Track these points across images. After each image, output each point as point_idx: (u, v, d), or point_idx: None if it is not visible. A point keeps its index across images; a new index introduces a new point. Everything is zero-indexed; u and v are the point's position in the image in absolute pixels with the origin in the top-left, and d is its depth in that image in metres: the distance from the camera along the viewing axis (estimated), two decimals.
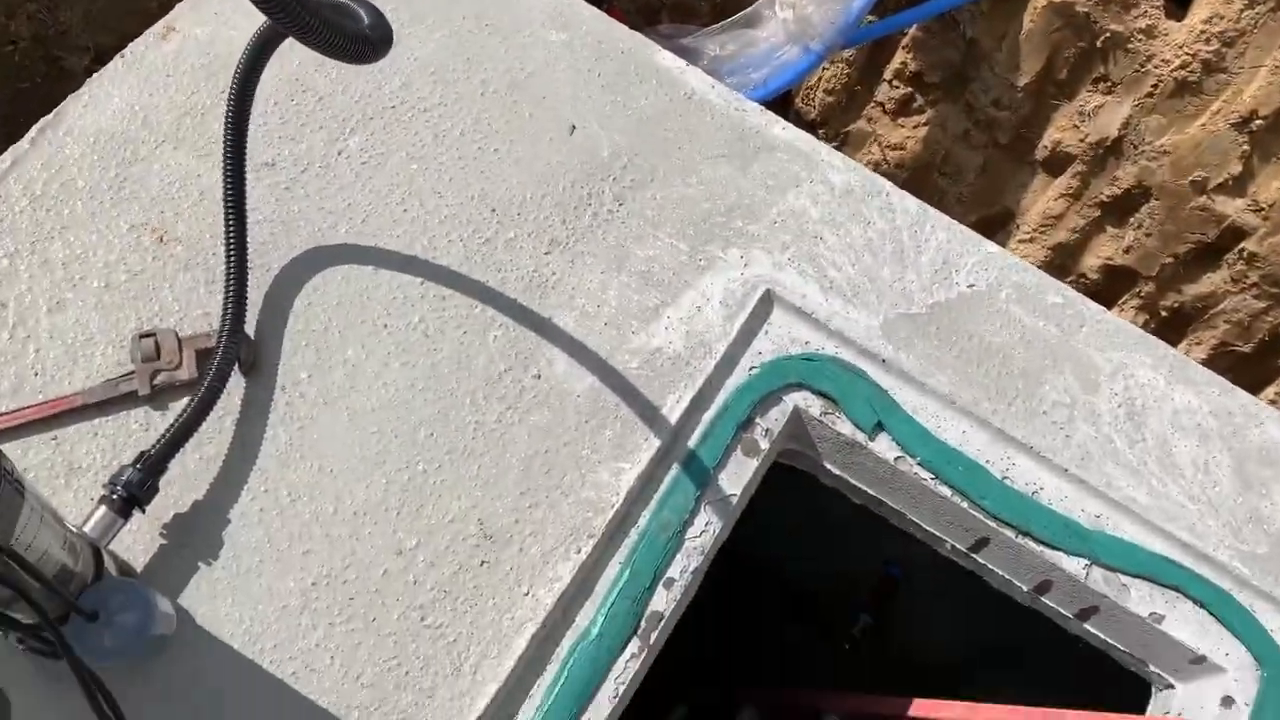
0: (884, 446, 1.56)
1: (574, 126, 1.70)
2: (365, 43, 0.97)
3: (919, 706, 1.95)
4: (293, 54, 1.63)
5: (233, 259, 1.42)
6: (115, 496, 1.23)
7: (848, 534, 2.66)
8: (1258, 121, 2.84)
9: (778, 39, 2.54)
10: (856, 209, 1.71)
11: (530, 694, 1.36)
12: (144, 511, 1.27)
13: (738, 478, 1.52)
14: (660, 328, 1.57)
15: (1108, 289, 3.40)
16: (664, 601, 1.43)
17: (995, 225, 3.07)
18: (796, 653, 3.32)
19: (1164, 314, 3.38)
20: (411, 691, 1.32)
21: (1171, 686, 1.58)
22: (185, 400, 1.36)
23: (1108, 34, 2.81)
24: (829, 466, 1.65)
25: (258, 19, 1.26)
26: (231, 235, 1.42)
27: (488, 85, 1.71)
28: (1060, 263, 3.37)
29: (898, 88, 2.87)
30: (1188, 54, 2.81)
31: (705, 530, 1.48)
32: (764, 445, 1.54)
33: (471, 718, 1.31)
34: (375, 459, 1.43)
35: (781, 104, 3.01)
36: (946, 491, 1.53)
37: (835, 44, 2.56)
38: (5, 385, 1.39)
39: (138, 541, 1.32)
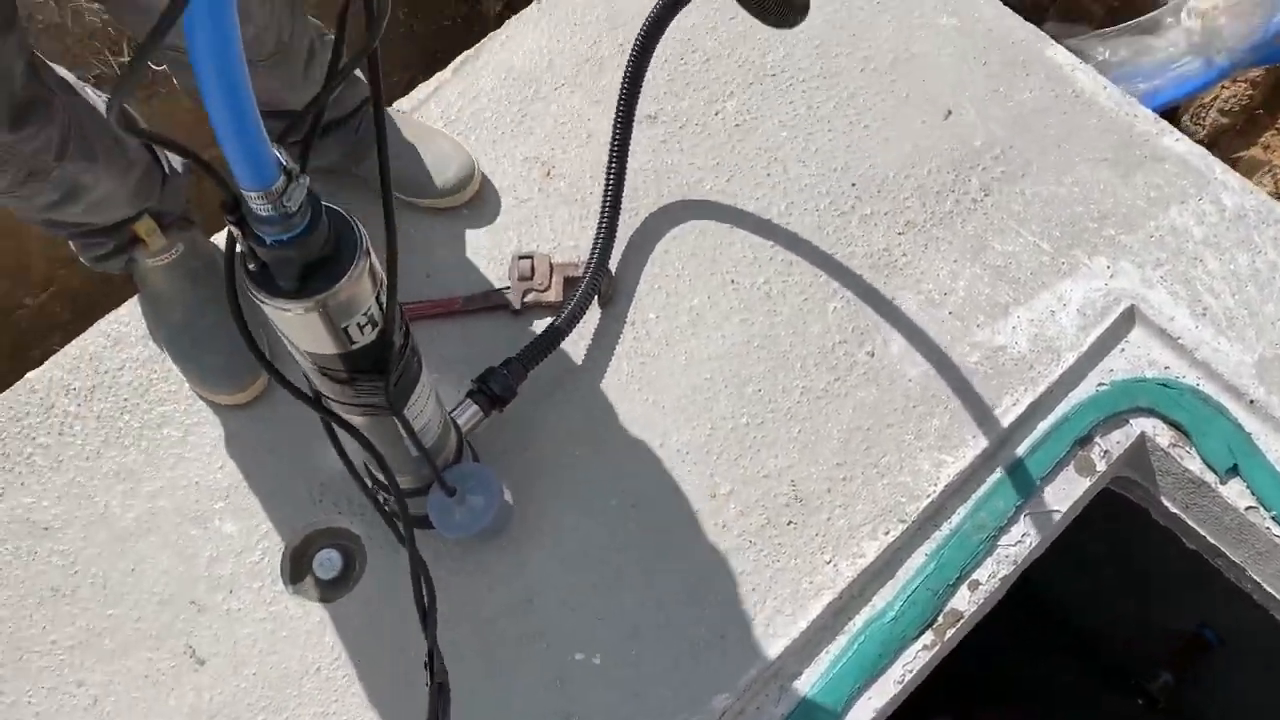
0: (1236, 492, 1.44)
1: (949, 111, 1.67)
2: (791, 5, 1.01)
3: None
4: (690, 16, 1.71)
5: (609, 200, 1.53)
6: (483, 392, 1.38)
7: (1155, 583, 2.46)
8: None
9: (1178, 49, 2.36)
10: (1247, 235, 1.57)
11: (816, 659, 1.38)
12: (502, 411, 1.41)
13: (1065, 495, 1.46)
14: (1007, 326, 1.52)
15: None
16: (966, 601, 1.40)
17: None
18: (1071, 694, 3.13)
19: None
20: (705, 627, 1.38)
21: None
22: (549, 319, 1.48)
23: None
24: (1166, 503, 1.54)
25: None
26: (611, 178, 1.53)
27: (869, 62, 1.72)
28: None
29: None
30: None
31: (1021, 541, 1.43)
32: (1100, 466, 1.47)
33: (755, 669, 1.35)
34: (704, 404, 1.50)
35: (1167, 119, 2.79)
36: None
37: (1244, 61, 2.34)
38: (405, 280, 1.58)
39: (492, 436, 1.46)
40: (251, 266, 0.88)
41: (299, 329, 0.93)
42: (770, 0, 0.96)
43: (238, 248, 0.86)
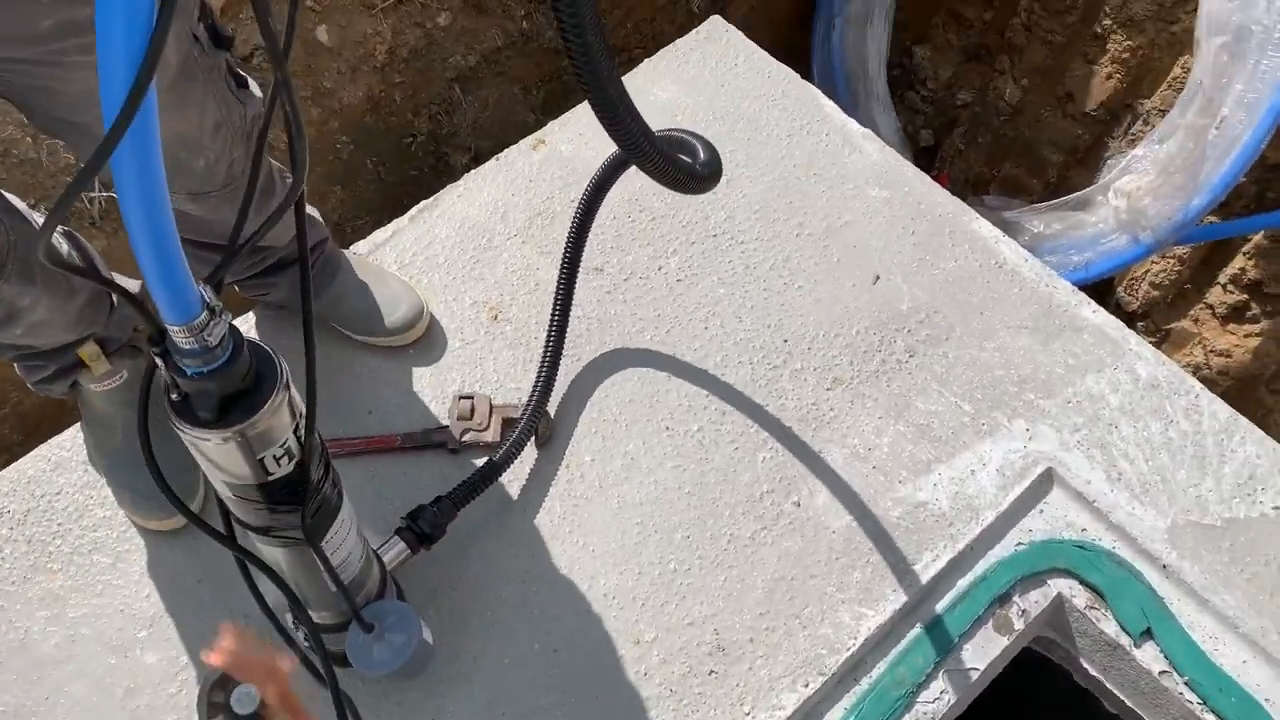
0: (1150, 656, 1.46)
1: (878, 276, 1.76)
2: (694, 178, 1.10)
3: None
4: (638, 178, 1.81)
5: (550, 345, 1.59)
6: (411, 530, 1.40)
7: None
8: None
9: (1107, 225, 2.50)
10: (1160, 404, 1.64)
11: None
12: (430, 549, 1.43)
13: (984, 653, 1.48)
14: (929, 483, 1.57)
15: None
16: None
17: None
18: None
19: None
20: None
21: None
22: (484, 459, 1.52)
23: None
24: (1086, 665, 1.56)
25: (613, 144, 1.44)
26: (554, 325, 1.59)
27: (804, 228, 1.82)
28: None
29: (1232, 293, 2.71)
30: None
31: (939, 698, 1.44)
32: (1018, 625, 1.49)
33: None
34: (633, 549, 1.52)
35: (1102, 290, 2.92)
36: None
37: (1168, 240, 2.48)
38: (339, 418, 1.62)
39: (420, 574, 1.47)
40: (174, 396, 0.92)
41: (217, 458, 0.97)
42: (673, 171, 1.04)
43: (161, 379, 0.90)
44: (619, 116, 0.89)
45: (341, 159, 2.20)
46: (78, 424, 1.61)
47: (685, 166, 1.07)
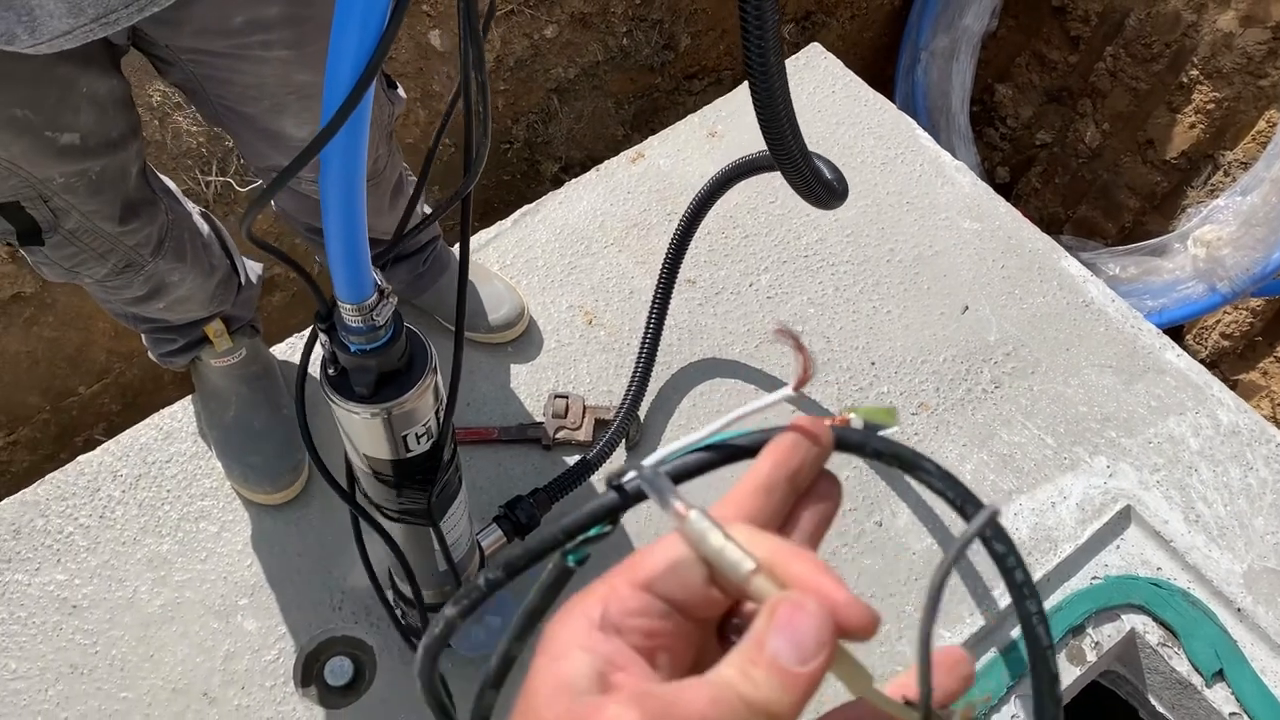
0: (1220, 697, 1.48)
1: (967, 307, 1.80)
2: (833, 192, 1.15)
3: None
4: (735, 196, 1.87)
5: (645, 352, 1.64)
6: (509, 519, 1.45)
7: None
8: None
9: (1184, 273, 2.52)
10: (1240, 451, 1.66)
11: None
12: (523, 539, 1.48)
13: None
14: (1010, 511, 1.60)
15: None
16: None
17: None
18: None
19: None
20: None
21: None
22: (576, 457, 1.57)
23: None
24: (1154, 702, 1.58)
25: (710, 158, 1.49)
26: (649, 332, 1.64)
27: (894, 254, 1.87)
28: None
29: None
30: None
31: None
32: (1091, 657, 1.51)
33: None
34: None
35: (1171, 338, 2.93)
36: None
37: (1245, 290, 2.49)
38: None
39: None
40: (331, 371, 0.98)
41: (362, 432, 1.02)
42: (817, 185, 1.08)
43: (320, 353, 0.96)
44: (782, 125, 0.94)
45: (442, 160, 2.27)
46: (188, 396, 1.68)
47: (826, 181, 1.12)
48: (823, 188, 1.10)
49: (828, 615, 0.32)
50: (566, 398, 1.67)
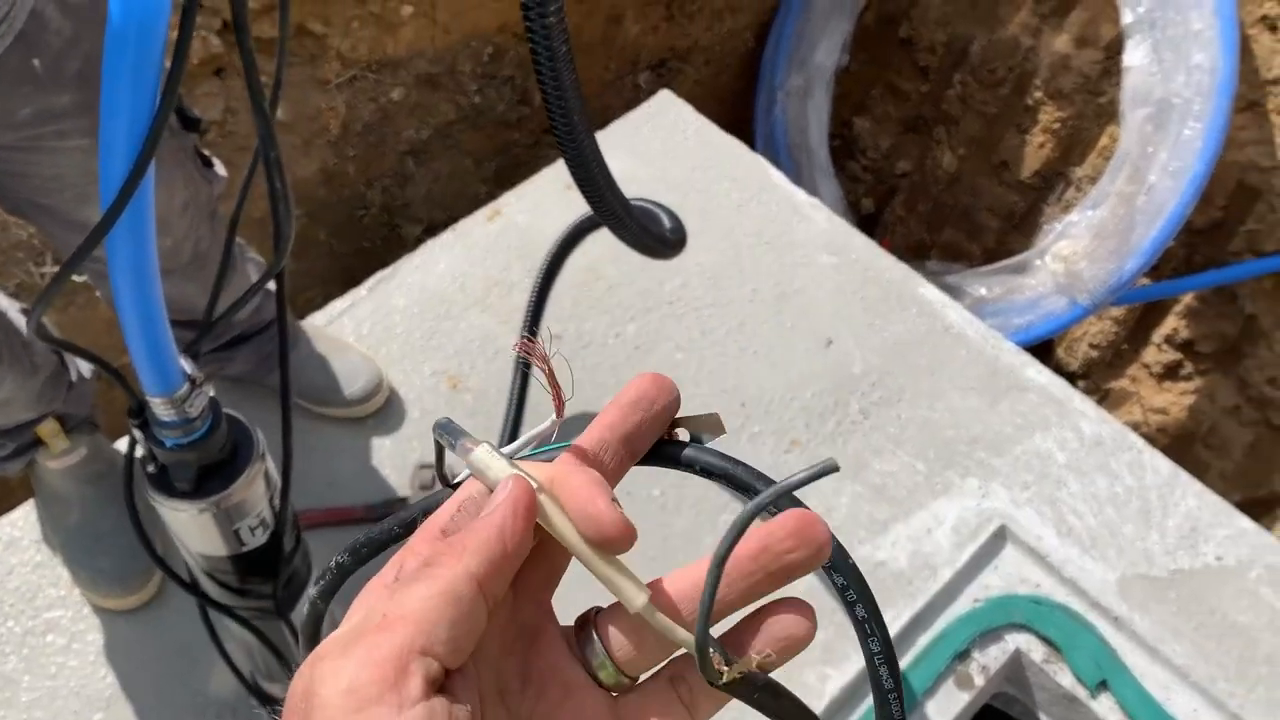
0: (1105, 707, 1.49)
1: (830, 341, 1.81)
2: (665, 242, 1.14)
3: None
4: (594, 247, 1.85)
5: (512, 414, 1.60)
6: None
7: None
8: None
9: (1045, 288, 2.59)
10: (1104, 461, 1.70)
11: None
12: None
13: (946, 709, 1.50)
14: (887, 541, 1.60)
15: None
16: None
17: (1261, 509, 2.88)
18: None
19: None
20: None
21: None
22: None
23: None
24: (1045, 719, 1.59)
25: (569, 210, 1.47)
26: (516, 393, 1.61)
27: (757, 294, 1.87)
28: None
29: (1166, 352, 2.82)
30: None
31: None
32: (979, 681, 1.52)
33: None
34: None
35: (1043, 352, 3.01)
36: None
37: (1104, 301, 2.57)
38: (298, 491, 1.61)
39: None
40: (151, 468, 0.92)
41: (192, 529, 0.96)
42: (646, 238, 1.07)
43: (138, 450, 0.90)
44: (599, 188, 0.92)
45: (294, 231, 2.21)
46: (29, 502, 1.58)
47: (658, 234, 1.11)
48: (653, 239, 1.09)
49: (531, 491, 0.36)
50: (433, 467, 1.62)
